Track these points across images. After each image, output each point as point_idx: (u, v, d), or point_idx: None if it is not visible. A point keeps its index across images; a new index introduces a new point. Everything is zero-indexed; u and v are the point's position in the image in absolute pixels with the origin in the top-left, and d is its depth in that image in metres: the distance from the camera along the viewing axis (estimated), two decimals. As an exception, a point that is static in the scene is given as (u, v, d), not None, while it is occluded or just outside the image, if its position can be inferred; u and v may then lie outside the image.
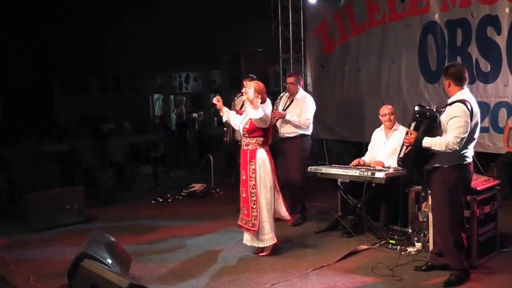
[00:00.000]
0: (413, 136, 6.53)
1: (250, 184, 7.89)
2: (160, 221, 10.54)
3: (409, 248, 7.94)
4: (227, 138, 10.35)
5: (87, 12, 25.02)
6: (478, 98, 9.47)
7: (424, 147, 6.47)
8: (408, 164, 6.81)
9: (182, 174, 15.96)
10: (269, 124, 7.95)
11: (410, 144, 6.57)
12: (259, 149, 7.91)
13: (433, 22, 10.37)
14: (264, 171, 7.89)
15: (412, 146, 6.54)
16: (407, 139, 6.60)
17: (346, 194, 9.02)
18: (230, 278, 7.27)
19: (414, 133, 6.53)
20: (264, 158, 7.90)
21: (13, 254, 8.67)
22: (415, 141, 6.50)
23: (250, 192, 7.91)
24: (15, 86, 28.74)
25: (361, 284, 6.89)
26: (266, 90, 7.98)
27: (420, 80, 10.72)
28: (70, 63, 27.06)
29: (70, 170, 14.47)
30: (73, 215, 10.44)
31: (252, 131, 7.88)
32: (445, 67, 6.89)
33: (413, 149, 6.56)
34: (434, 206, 6.88)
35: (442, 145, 6.39)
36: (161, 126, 18.70)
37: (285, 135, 9.67)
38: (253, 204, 7.90)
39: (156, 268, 7.79)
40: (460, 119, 6.39)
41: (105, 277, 6.06)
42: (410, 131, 6.57)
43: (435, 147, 6.42)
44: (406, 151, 6.64)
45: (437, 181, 6.70)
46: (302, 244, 8.64)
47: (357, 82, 12.21)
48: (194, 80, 22.90)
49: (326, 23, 12.82)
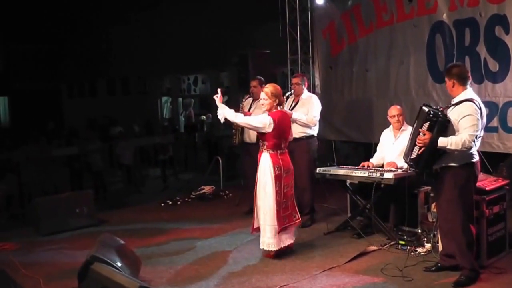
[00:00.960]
0: (427, 137, 6.46)
1: (256, 187, 8.00)
2: (169, 223, 10.54)
3: (419, 248, 7.94)
4: (236, 140, 10.34)
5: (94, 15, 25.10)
6: (486, 97, 9.46)
7: (439, 147, 6.44)
8: (421, 164, 6.70)
9: (191, 177, 15.98)
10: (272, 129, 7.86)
11: (424, 144, 6.50)
12: (264, 152, 7.97)
13: (441, 22, 10.33)
14: (264, 176, 7.91)
15: (427, 147, 6.49)
16: (422, 139, 6.51)
17: (355, 195, 9.02)
18: (240, 280, 7.27)
19: (429, 133, 6.46)
20: (265, 163, 7.91)
21: (23, 257, 8.67)
22: (430, 142, 6.44)
23: (256, 194, 8.02)
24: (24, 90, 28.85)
25: (370, 285, 6.88)
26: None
27: (428, 80, 10.68)
28: (78, 67, 27.16)
29: (80, 173, 14.52)
30: (82, 219, 10.43)
31: (261, 135, 7.97)
32: (448, 68, 6.91)
33: (427, 149, 6.50)
34: (444, 206, 6.82)
35: (458, 144, 6.37)
36: (170, 128, 18.73)
37: (293, 136, 9.66)
38: (257, 207, 8.03)
39: (166, 270, 7.79)
40: (473, 117, 6.43)
41: (115, 279, 6.07)
42: (424, 131, 6.49)
43: (451, 146, 6.39)
44: (419, 152, 6.58)
45: (448, 180, 6.67)
46: (311, 245, 8.63)
47: (365, 83, 12.17)
48: (202, 82, 22.94)
49: (334, 24, 12.80)
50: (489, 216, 7.20)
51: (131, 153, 15.06)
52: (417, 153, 6.62)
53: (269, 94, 7.85)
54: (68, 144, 16.28)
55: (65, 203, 10.41)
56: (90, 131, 17.87)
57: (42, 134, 19.13)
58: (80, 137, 16.70)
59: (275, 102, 7.89)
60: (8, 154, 14.49)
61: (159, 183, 15.59)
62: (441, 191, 6.83)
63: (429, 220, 8.37)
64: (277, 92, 7.90)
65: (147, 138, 16.70)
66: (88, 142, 14.54)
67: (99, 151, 14.41)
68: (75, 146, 14.99)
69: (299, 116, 9.52)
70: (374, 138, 10.74)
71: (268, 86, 7.96)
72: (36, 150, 13.91)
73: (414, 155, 6.68)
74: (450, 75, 6.72)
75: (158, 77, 24.67)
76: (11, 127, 28.32)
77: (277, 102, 7.92)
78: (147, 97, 25.43)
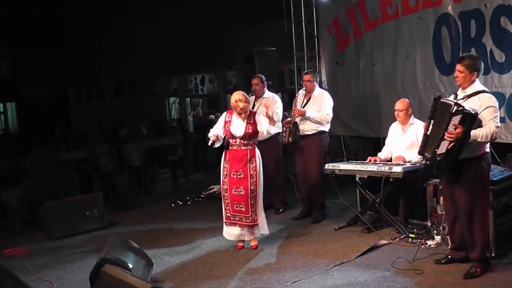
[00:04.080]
0: (460, 131, 6.31)
1: (251, 182, 8.23)
2: (180, 224, 10.56)
3: (429, 241, 7.97)
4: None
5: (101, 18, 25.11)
6: (493, 88, 9.40)
7: (471, 140, 6.40)
8: (450, 159, 6.55)
9: (201, 177, 15.96)
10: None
11: (456, 139, 6.36)
12: (256, 147, 8.39)
13: (447, 14, 10.27)
14: (260, 167, 8.33)
15: (459, 141, 6.38)
16: (455, 133, 6.33)
17: (365, 190, 9.04)
18: (252, 277, 7.30)
19: (461, 127, 6.31)
20: (259, 156, 8.40)
21: (35, 262, 8.70)
22: (463, 135, 6.33)
23: (250, 189, 8.22)
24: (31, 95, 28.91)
25: (382, 279, 6.90)
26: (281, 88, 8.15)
27: (435, 73, 10.63)
28: (85, 70, 27.18)
29: (89, 176, 14.53)
30: (93, 222, 10.45)
31: (253, 134, 8.32)
32: (461, 58, 6.89)
33: (459, 143, 6.40)
34: (463, 198, 6.76)
35: (488, 136, 6.38)
36: (178, 129, 18.71)
37: (305, 132, 9.71)
38: (252, 200, 8.22)
39: (178, 270, 7.82)
40: (495, 108, 6.50)
41: (127, 281, 6.07)
42: (457, 125, 6.33)
43: (481, 139, 6.38)
44: (450, 146, 6.44)
45: (470, 172, 6.65)
46: (322, 241, 8.68)
47: (372, 78, 12.12)
48: (209, 81, 22.91)
49: (339, 20, 12.75)
50: (498, 206, 7.19)
51: (140, 155, 15.06)
52: (446, 148, 6.50)
53: (244, 98, 8.27)
54: (76, 148, 16.30)
55: (75, 206, 10.43)
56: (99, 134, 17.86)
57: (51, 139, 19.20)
58: (89, 141, 16.71)
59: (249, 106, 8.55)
60: (17, 160, 14.54)
61: (169, 184, 15.59)
62: (460, 184, 6.76)
63: (439, 213, 8.39)
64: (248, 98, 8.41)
65: (156, 140, 16.67)
66: (97, 145, 14.55)
67: (108, 154, 14.42)
68: (84, 149, 15.01)
69: (312, 114, 9.61)
70: (382, 132, 10.74)
71: (238, 95, 8.29)
72: (45, 154, 13.94)
73: (443, 150, 6.55)
74: (464, 66, 6.70)
75: (165, 78, 24.66)
76: (20, 133, 28.38)
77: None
78: (154, 98, 25.43)
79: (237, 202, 8.29)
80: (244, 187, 8.22)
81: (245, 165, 8.22)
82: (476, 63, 6.74)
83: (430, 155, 6.83)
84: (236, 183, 8.28)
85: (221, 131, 8.44)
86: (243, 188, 8.23)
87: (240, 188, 8.25)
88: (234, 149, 8.35)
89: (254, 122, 8.31)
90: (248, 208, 8.23)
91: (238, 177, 8.26)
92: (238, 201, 8.28)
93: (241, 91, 8.40)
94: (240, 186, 8.24)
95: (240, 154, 8.28)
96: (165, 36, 22.26)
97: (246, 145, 8.28)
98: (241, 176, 8.24)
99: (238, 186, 8.26)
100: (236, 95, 8.27)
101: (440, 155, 6.62)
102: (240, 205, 8.26)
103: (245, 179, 8.21)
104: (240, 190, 8.25)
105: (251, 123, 8.29)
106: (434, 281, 6.72)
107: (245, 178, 8.22)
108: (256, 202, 8.26)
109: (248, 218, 8.26)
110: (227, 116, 8.46)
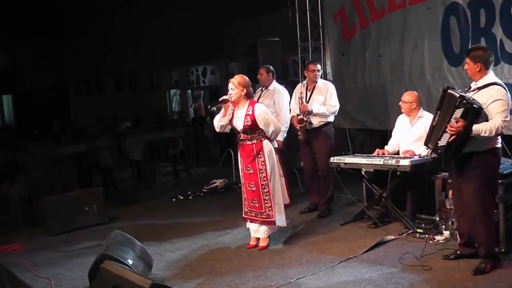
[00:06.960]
0: (461, 125, 6.21)
1: (261, 177, 8.02)
2: (181, 218, 10.47)
3: (437, 236, 7.86)
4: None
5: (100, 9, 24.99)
6: (503, 79, 9.21)
7: (473, 135, 6.27)
8: (451, 152, 6.47)
9: (203, 171, 15.88)
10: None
11: (457, 132, 6.26)
12: (265, 140, 8.05)
13: (456, 3, 10.10)
14: (272, 160, 8.04)
15: (459, 134, 6.27)
16: (455, 127, 6.24)
17: (371, 184, 8.92)
18: (255, 274, 7.20)
19: (463, 121, 6.21)
20: (271, 148, 8.11)
21: (32, 258, 8.62)
22: (464, 129, 6.22)
23: (261, 184, 8.02)
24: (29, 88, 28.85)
25: (389, 275, 6.80)
26: (285, 80, 7.94)
27: (443, 64, 10.47)
28: (84, 63, 27.07)
29: (88, 171, 14.43)
30: (92, 217, 10.35)
31: (254, 127, 8.01)
32: (472, 49, 6.77)
33: (461, 137, 6.29)
34: (470, 192, 6.62)
35: (492, 130, 6.23)
36: (180, 122, 18.62)
37: (312, 125, 9.58)
38: (265, 195, 8.02)
39: (179, 266, 7.74)
40: (504, 102, 6.34)
41: (127, 277, 6.01)
42: (458, 119, 6.23)
43: (484, 133, 6.23)
44: (450, 139, 6.35)
45: (476, 166, 6.50)
46: (328, 236, 8.57)
47: (379, 69, 11.96)
48: (211, 73, 22.72)
49: (345, 9, 12.56)
50: (508, 200, 7.03)
51: (141, 149, 14.93)
52: (447, 141, 6.41)
53: (236, 83, 8.02)
54: (75, 142, 16.18)
55: (74, 201, 10.32)
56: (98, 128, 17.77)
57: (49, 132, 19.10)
58: (88, 134, 16.61)
59: (242, 92, 8.02)
60: (15, 154, 14.44)
61: (170, 178, 15.48)
62: (466, 177, 6.64)
63: (447, 207, 8.23)
64: (245, 82, 8.05)
65: (157, 133, 16.55)
66: (96, 139, 14.44)
67: (108, 148, 14.30)
68: (83, 143, 14.90)
69: (320, 109, 9.55)
70: (389, 125, 10.54)
71: (236, 77, 8.13)
72: (43, 149, 13.85)
73: (444, 143, 6.48)
74: (475, 58, 6.55)
75: (165, 70, 24.54)
76: (17, 126, 28.33)
77: (245, 93, 8.05)
78: (155, 91, 25.33)
79: (251, 198, 8.16)
80: (255, 182, 8.06)
81: (253, 160, 8.03)
82: (479, 54, 6.59)
83: (433, 147, 6.79)
84: (248, 178, 8.15)
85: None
86: (254, 184, 8.07)
87: (251, 183, 8.10)
88: (242, 144, 8.19)
89: (253, 112, 8.03)
90: (262, 204, 8.04)
91: (248, 172, 8.12)
92: (252, 197, 8.14)
93: (243, 76, 8.24)
94: (252, 181, 8.10)
95: (247, 149, 8.10)
96: (166, 27, 22.10)
97: (251, 139, 8.06)
98: (250, 172, 8.08)
99: (250, 182, 8.13)
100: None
101: (441, 147, 6.57)
102: (254, 201, 8.11)
103: (255, 175, 8.04)
104: (252, 185, 8.10)
105: (250, 114, 8.02)
106: (442, 278, 6.62)
107: (254, 174, 8.05)
108: (270, 199, 8.02)
109: (262, 214, 8.08)
110: (231, 107, 8.23)
